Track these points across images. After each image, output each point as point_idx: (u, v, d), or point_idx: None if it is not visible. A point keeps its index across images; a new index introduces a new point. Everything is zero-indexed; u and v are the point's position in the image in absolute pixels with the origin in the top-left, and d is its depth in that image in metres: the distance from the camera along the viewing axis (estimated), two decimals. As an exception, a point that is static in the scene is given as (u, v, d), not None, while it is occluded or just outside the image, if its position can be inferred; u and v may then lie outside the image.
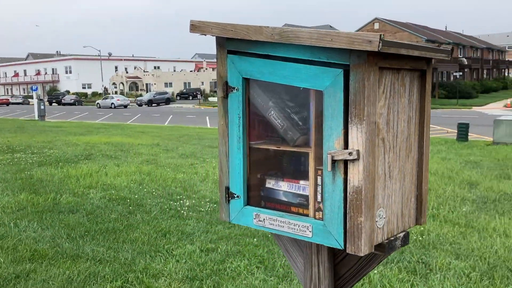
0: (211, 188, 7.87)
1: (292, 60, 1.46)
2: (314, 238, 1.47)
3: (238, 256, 4.56)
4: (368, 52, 1.29)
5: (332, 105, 1.37)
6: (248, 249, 4.76)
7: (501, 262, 4.54)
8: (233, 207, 1.68)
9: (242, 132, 1.61)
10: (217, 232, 5.34)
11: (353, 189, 1.36)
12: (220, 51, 1.64)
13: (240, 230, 5.38)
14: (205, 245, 4.86)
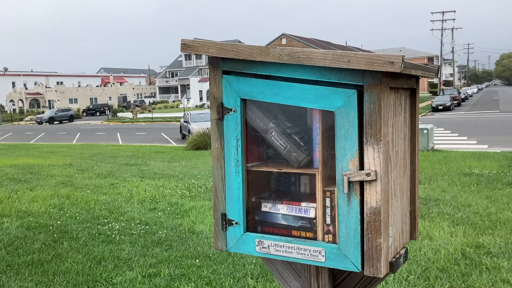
0: (138, 209, 7.54)
1: (297, 80, 1.43)
2: (328, 263, 1.43)
3: (183, 279, 4.39)
4: (384, 73, 1.29)
5: (345, 126, 1.35)
6: (192, 271, 4.59)
7: (431, 263, 4.83)
8: (231, 235, 1.59)
9: (240, 155, 1.54)
10: (155, 255, 5.10)
11: (370, 210, 1.35)
12: (214, 72, 1.56)
13: (179, 252, 5.19)
14: (146, 270, 4.61)
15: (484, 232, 5.81)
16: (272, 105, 1.52)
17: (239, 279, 4.37)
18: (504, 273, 4.45)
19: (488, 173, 10.08)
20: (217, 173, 1.61)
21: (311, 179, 1.49)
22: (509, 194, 7.97)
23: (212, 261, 4.88)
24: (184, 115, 25.86)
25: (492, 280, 4.28)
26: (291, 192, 1.55)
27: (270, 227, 1.58)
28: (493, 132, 21.38)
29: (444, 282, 4.28)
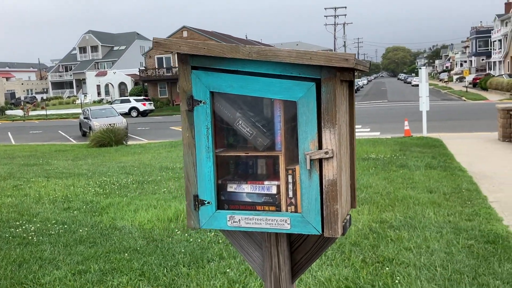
0: (50, 209, 7.25)
1: (262, 75, 1.65)
2: (293, 229, 1.68)
3: (115, 273, 4.41)
4: (337, 68, 1.56)
5: (306, 113, 1.60)
6: (123, 264, 4.62)
7: (344, 239, 5.34)
8: (203, 214, 1.77)
9: (211, 142, 1.73)
10: (81, 253, 5.03)
11: (328, 183, 1.62)
12: (183, 67, 1.72)
13: (105, 248, 5.16)
14: (74, 268, 4.55)
15: (385, 209, 6.50)
16: (237, 97, 1.72)
17: (171, 268, 4.51)
18: (406, 243, 5.08)
19: (383, 157, 11.11)
20: (188, 160, 1.78)
21: (274, 160, 1.73)
22: (402, 175, 8.92)
23: (141, 253, 4.94)
24: (84, 111, 24.77)
25: (397, 249, 4.87)
26: (255, 173, 1.77)
27: (236, 204, 1.79)
28: (383, 120, 23.35)
29: (358, 254, 4.78)
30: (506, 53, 55.43)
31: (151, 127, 27.82)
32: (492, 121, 18.53)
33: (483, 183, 8.28)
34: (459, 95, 41.57)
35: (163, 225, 6.00)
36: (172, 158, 12.73)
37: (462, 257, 4.57)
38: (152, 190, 8.37)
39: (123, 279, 4.24)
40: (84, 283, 4.20)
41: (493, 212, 6.33)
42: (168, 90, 49.86)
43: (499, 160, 10.84)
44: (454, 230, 5.46)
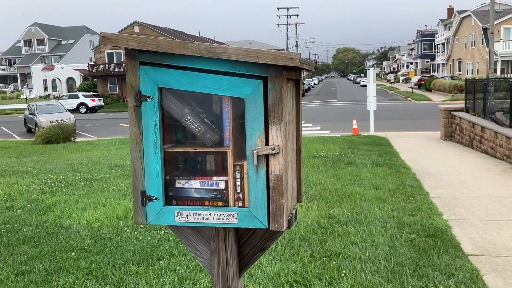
0: (-9, 208, 6.94)
1: (210, 71, 1.67)
2: (240, 223, 1.72)
3: (61, 272, 4.29)
4: (283, 67, 1.61)
5: (253, 110, 1.64)
6: (69, 263, 4.51)
7: (293, 235, 5.45)
8: (150, 209, 1.78)
9: (159, 138, 1.73)
10: (24, 253, 4.85)
11: (275, 177, 1.66)
12: (131, 62, 1.71)
13: (50, 247, 5.01)
14: (17, 269, 4.38)
15: (333, 205, 6.68)
16: (186, 93, 1.74)
17: (120, 266, 4.44)
18: (352, 237, 5.25)
19: (332, 155, 11.39)
20: (136, 155, 1.77)
21: (223, 156, 1.75)
22: (350, 172, 9.18)
23: (88, 252, 4.83)
24: (29, 106, 23.78)
25: (344, 244, 5.02)
26: (203, 169, 1.79)
27: (184, 200, 1.80)
28: (333, 119, 23.90)
29: (306, 249, 4.90)
30: (448, 56, 58.08)
31: (101, 124, 27.11)
32: (435, 120, 19.38)
33: (426, 179, 8.67)
34: (405, 95, 43.17)
35: (112, 223, 5.89)
36: (122, 156, 12.47)
37: (405, 250, 4.78)
38: (100, 188, 8.18)
39: (70, 278, 4.14)
40: (27, 283, 4.06)
41: (434, 207, 6.64)
42: (118, 86, 48.68)
43: (441, 158, 11.37)
44: (398, 225, 5.69)
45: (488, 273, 4.30)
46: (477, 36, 46.83)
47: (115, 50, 47.82)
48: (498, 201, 7.04)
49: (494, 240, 5.27)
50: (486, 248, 4.99)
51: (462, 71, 51.47)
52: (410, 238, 5.21)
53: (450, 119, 15.24)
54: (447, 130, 15.29)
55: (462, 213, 6.46)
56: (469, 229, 5.71)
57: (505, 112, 12.59)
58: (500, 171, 9.62)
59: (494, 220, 6.06)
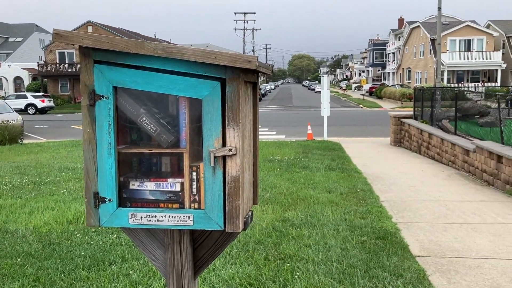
0: None
1: (167, 72, 1.66)
2: (195, 225, 1.71)
3: (6, 279, 4.10)
4: (241, 69, 1.62)
5: (211, 111, 1.64)
6: (15, 270, 4.31)
7: (249, 238, 5.46)
8: (104, 211, 1.73)
9: (113, 138, 1.70)
10: (-35, 259, 4.60)
11: (231, 179, 1.67)
12: (85, 61, 1.67)
13: (-6, 253, 4.78)
14: (-43, 276, 4.15)
15: (288, 208, 6.75)
16: (142, 93, 1.71)
17: (69, 272, 4.30)
18: (306, 240, 5.33)
19: (287, 159, 11.52)
20: (88, 156, 1.73)
21: (179, 157, 1.74)
22: (304, 176, 9.32)
23: (35, 258, 4.64)
24: (-29, 105, 22.60)
25: (298, 246, 5.09)
26: (159, 170, 1.77)
27: (139, 202, 1.78)
28: (288, 124, 24.18)
29: (261, 252, 4.92)
30: (399, 65, 60.17)
31: (51, 125, 26.17)
32: (385, 127, 20.00)
33: (376, 184, 8.93)
34: (357, 102, 44.34)
35: (61, 227, 5.70)
36: (73, 158, 12.09)
37: (356, 252, 4.90)
38: (50, 192, 7.89)
39: (15, 285, 3.96)
40: (-32, 291, 3.85)
41: (384, 210, 6.85)
42: (70, 87, 47.18)
43: (391, 163, 11.75)
44: (350, 228, 5.82)
45: (434, 273, 4.48)
46: (426, 47, 48.82)
47: (67, 50, 46.39)
48: (444, 205, 7.35)
49: (439, 241, 5.49)
50: (432, 250, 5.20)
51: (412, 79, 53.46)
52: (361, 240, 5.34)
53: (400, 125, 15.78)
54: (396, 137, 15.82)
55: (410, 216, 6.70)
56: (416, 231, 5.93)
57: (450, 120, 13.19)
58: (446, 176, 10.05)
59: (440, 223, 6.31)
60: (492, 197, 7.95)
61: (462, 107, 13.04)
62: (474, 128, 11.68)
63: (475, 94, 16.24)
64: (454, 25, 46.69)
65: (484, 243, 5.37)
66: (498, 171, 8.62)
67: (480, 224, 6.18)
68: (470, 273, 4.48)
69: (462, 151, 10.51)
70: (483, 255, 4.98)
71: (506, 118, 10.78)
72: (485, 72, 46.94)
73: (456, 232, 5.86)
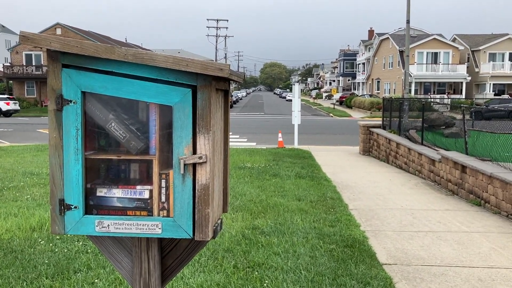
0: None
1: (138, 77, 1.64)
2: (164, 234, 1.68)
3: (-36, 288, 3.94)
4: (212, 77, 1.61)
5: (181, 118, 1.62)
6: (-27, 279, 4.15)
7: (218, 246, 5.43)
8: (69, 219, 1.69)
9: (80, 144, 1.66)
10: None
11: (201, 187, 1.65)
12: (53, 64, 1.63)
13: (-48, 261, 4.59)
14: None
15: (258, 216, 6.75)
16: (111, 98, 1.69)
17: (32, 281, 4.17)
18: (275, 248, 5.33)
19: (258, 166, 11.53)
20: (55, 161, 1.68)
21: (148, 164, 1.72)
22: (275, 183, 9.35)
23: (-4, 266, 4.48)
24: None
25: (267, 254, 5.09)
26: (127, 177, 1.74)
27: (106, 209, 1.74)
28: (260, 131, 24.25)
29: (230, 260, 4.89)
30: (368, 76, 61.32)
31: (15, 129, 25.42)
32: (355, 136, 20.30)
33: (345, 192, 9.03)
34: (327, 111, 44.91)
35: (24, 234, 5.52)
36: (38, 163, 11.77)
37: (325, 260, 4.93)
38: (13, 197, 7.65)
39: (-27, 295, 3.81)
40: None
41: (353, 218, 6.93)
42: (36, 90, 46.03)
43: (360, 172, 11.92)
44: (319, 236, 5.86)
45: (400, 281, 4.55)
46: (395, 58, 49.97)
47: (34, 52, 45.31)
48: (410, 213, 7.49)
49: (406, 249, 5.59)
50: (399, 258, 5.28)
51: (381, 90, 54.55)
52: (329, 248, 5.38)
53: (368, 135, 16.05)
54: (365, 146, 16.07)
55: (378, 224, 6.80)
56: (384, 239, 6.02)
57: (417, 130, 13.50)
58: (413, 185, 10.26)
59: (406, 231, 6.43)
60: (457, 206, 8.17)
61: (429, 117, 13.38)
62: (440, 139, 11.99)
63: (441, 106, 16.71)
64: (422, 38, 48.00)
65: (448, 251, 5.50)
66: (462, 181, 8.87)
67: (445, 233, 6.32)
68: (435, 281, 4.58)
69: (428, 160, 10.76)
70: (447, 263, 5.10)
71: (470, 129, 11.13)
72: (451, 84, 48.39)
73: (422, 240, 5.98)
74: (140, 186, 1.72)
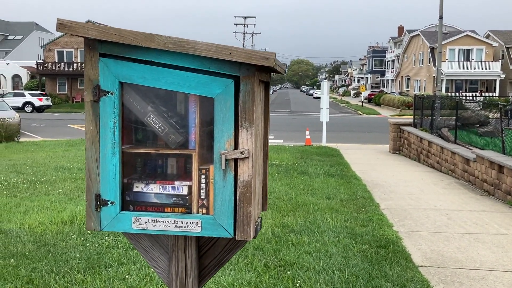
0: None
1: (178, 67, 1.55)
2: (204, 232, 1.60)
3: (-2, 281, 3.98)
4: (256, 67, 1.52)
5: (223, 111, 1.54)
6: (7, 271, 4.19)
7: (248, 244, 5.35)
8: (105, 215, 1.63)
9: (117, 137, 1.59)
10: (-44, 259, 4.47)
11: (243, 184, 1.56)
12: (90, 53, 1.57)
13: (-14, 253, 4.65)
14: None
15: (287, 214, 6.64)
16: (150, 90, 1.61)
17: (64, 274, 4.17)
18: (306, 247, 5.22)
19: (286, 164, 11.42)
20: (91, 155, 1.62)
21: (187, 159, 1.64)
22: (303, 181, 9.21)
23: (29, 259, 4.52)
24: (-32, 103, 22.46)
25: (298, 253, 4.98)
26: (165, 172, 1.66)
27: (143, 206, 1.67)
28: (287, 129, 24.10)
29: (260, 258, 4.81)
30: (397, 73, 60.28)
31: (48, 124, 26.00)
32: (383, 134, 19.95)
33: (376, 191, 8.83)
34: (355, 109, 44.34)
35: (56, 228, 5.57)
36: (70, 158, 11.95)
37: (358, 261, 4.79)
38: (45, 191, 7.76)
39: (7, 287, 3.84)
40: (-42, 293, 3.73)
41: (385, 218, 6.75)
42: (68, 86, 47.01)
43: (390, 170, 11.67)
44: (350, 235, 5.72)
45: (438, 284, 4.38)
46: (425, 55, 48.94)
47: (66, 49, 46.26)
48: (445, 214, 7.26)
49: (442, 251, 5.40)
50: (435, 260, 5.10)
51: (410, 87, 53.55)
52: (362, 248, 5.24)
53: (399, 133, 15.72)
54: (395, 144, 15.75)
55: (411, 224, 6.60)
56: (418, 240, 5.83)
57: (450, 129, 13.13)
58: (446, 184, 9.97)
59: (441, 232, 6.22)
60: (493, 207, 7.87)
61: (462, 116, 12.99)
62: (475, 138, 11.62)
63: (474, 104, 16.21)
64: (453, 35, 46.85)
65: (487, 255, 5.28)
66: (499, 181, 8.55)
67: (482, 235, 6.09)
68: (475, 285, 4.39)
69: (462, 160, 10.44)
70: (487, 267, 4.89)
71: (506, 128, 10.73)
72: (484, 82, 47.09)
73: (459, 242, 5.76)
74: (178, 182, 1.65)
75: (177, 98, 1.62)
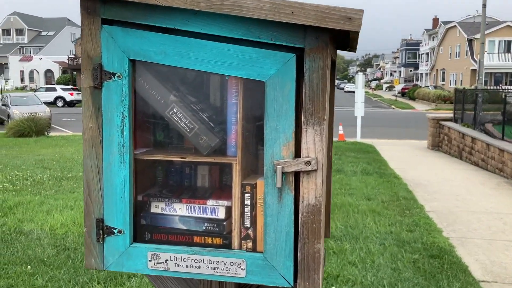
0: None
1: (213, 38, 1.06)
2: (250, 278, 1.11)
3: (12, 291, 3.62)
4: (333, 33, 1.01)
5: (279, 101, 1.03)
6: (23, 280, 3.83)
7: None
8: (110, 248, 1.15)
9: (127, 139, 1.11)
10: (-30, 264, 4.14)
11: (308, 209, 1.06)
12: (89, 20, 1.09)
13: (4, 258, 4.31)
14: (-42, 285, 3.69)
15: (326, 217, 6.12)
16: (172, 71, 1.13)
17: (83, 285, 3.78)
18: (349, 256, 4.69)
19: (320, 161, 10.86)
20: (91, 164, 1.15)
21: (225, 170, 1.15)
22: (339, 180, 8.65)
23: (47, 266, 4.15)
24: (2, 97, 22.74)
25: (341, 263, 4.46)
26: (194, 188, 1.18)
27: (163, 233, 1.19)
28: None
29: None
30: (432, 66, 58.44)
31: (78, 119, 26.12)
32: (419, 129, 19.09)
33: (418, 191, 8.21)
34: (389, 103, 43.15)
35: (79, 230, 5.21)
36: (97, 153, 11.72)
37: (410, 274, 4.24)
38: (70, 188, 7.46)
39: (20, 300, 3.47)
40: (-33, 306, 3.38)
41: (432, 222, 6.16)
42: (98, 81, 47.45)
43: (431, 168, 10.96)
44: (397, 242, 5.16)
45: (506, 304, 3.79)
46: (462, 47, 47.15)
47: (97, 44, 46.62)
48: (499, 218, 6.59)
49: (503, 263, 4.78)
50: (498, 274, 4.49)
51: (446, 81, 51.81)
52: (412, 258, 4.68)
53: (438, 128, 14.90)
54: (434, 140, 14.95)
55: (463, 230, 5.98)
56: (474, 249, 5.22)
57: (495, 124, 12.28)
58: (494, 184, 9.22)
59: (499, 240, 5.58)
60: (553, 211, 7.14)
61: (509, 110, 12.13)
62: (525, 134, 10.78)
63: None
64: (493, 26, 44.93)
65: (558, 268, 4.63)
66: (558, 182, 7.78)
67: (547, 244, 5.42)
68: (552, 308, 3.77)
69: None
70: (562, 284, 4.25)
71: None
72: (525, 75, 45.09)
73: (522, 252, 5.12)
74: (212, 201, 1.16)
75: (211, 83, 1.13)
